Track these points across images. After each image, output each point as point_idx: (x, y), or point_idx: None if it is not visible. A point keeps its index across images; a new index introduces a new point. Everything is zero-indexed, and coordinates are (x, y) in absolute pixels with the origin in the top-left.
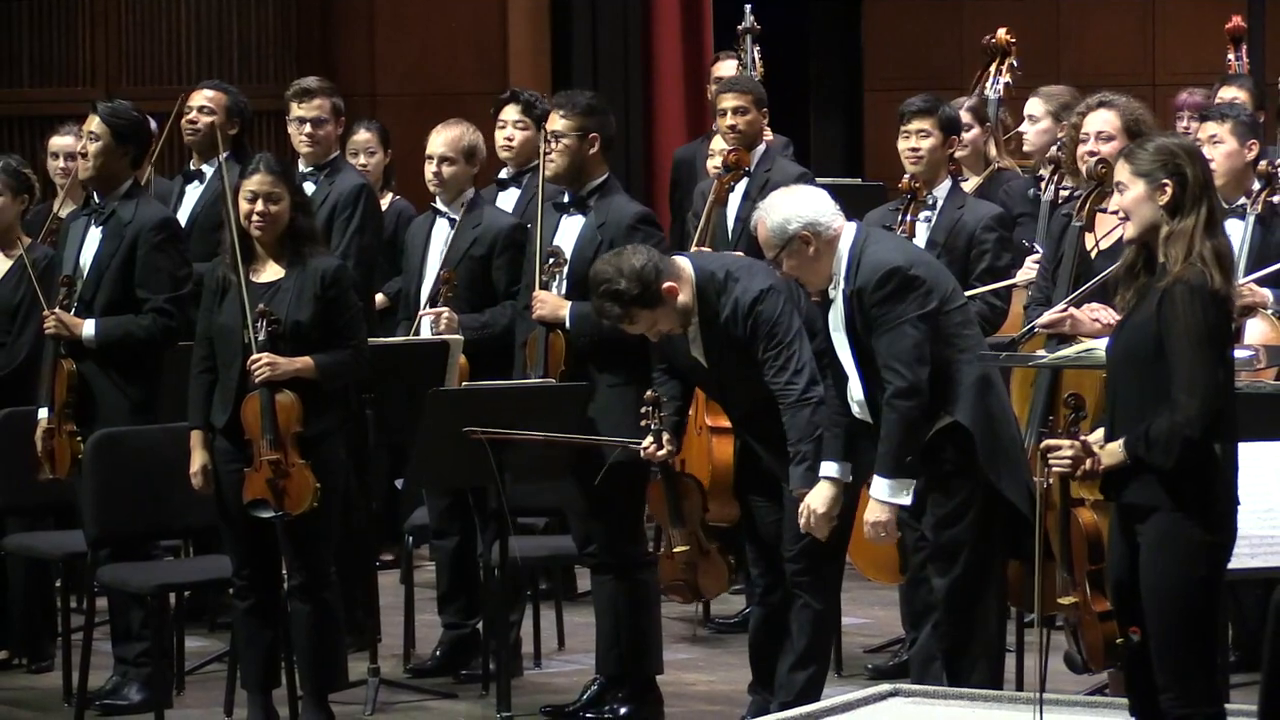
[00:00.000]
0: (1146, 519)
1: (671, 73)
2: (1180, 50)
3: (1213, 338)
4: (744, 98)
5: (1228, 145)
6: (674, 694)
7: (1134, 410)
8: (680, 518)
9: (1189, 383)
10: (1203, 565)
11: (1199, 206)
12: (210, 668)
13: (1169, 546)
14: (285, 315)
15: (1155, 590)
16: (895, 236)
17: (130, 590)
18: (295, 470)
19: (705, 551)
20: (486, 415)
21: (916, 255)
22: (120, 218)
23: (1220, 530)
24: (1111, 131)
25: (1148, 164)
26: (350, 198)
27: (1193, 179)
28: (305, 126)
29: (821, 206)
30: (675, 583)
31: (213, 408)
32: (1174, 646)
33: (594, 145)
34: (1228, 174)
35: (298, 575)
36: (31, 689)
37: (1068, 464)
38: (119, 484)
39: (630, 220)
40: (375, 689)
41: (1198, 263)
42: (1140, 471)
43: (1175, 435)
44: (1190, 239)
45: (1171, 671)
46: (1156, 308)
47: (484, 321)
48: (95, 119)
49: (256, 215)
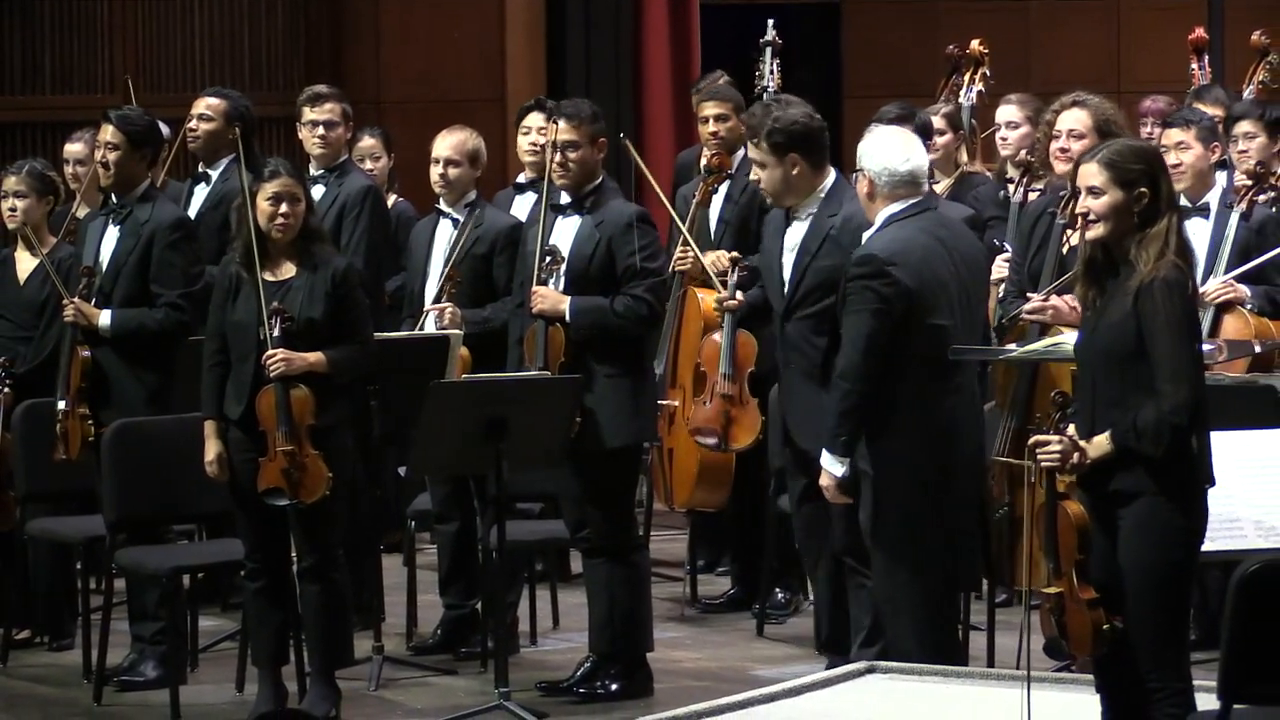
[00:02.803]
0: (1129, 504)
1: (660, 82)
2: (1144, 59)
3: (1192, 329)
4: (724, 105)
5: (1195, 150)
6: (663, 671)
7: (1121, 404)
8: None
9: (1174, 372)
10: (1179, 549)
11: (1172, 211)
12: (223, 646)
13: (1149, 530)
14: (298, 312)
15: (1135, 571)
16: (910, 228)
17: (147, 572)
18: (309, 461)
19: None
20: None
21: (909, 256)
22: (137, 217)
23: (1196, 516)
24: (1083, 130)
25: (1125, 171)
26: (358, 198)
27: (1165, 187)
28: (318, 129)
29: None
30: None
31: (227, 399)
32: (1151, 625)
33: (601, 150)
34: (1194, 176)
35: (307, 558)
36: (53, 666)
37: (1056, 459)
38: (136, 471)
39: (628, 219)
40: (379, 666)
41: (1170, 259)
42: (1125, 460)
43: (1164, 424)
44: (1164, 241)
45: (1148, 649)
46: (1134, 304)
47: (485, 316)
48: (110, 128)
49: (280, 217)
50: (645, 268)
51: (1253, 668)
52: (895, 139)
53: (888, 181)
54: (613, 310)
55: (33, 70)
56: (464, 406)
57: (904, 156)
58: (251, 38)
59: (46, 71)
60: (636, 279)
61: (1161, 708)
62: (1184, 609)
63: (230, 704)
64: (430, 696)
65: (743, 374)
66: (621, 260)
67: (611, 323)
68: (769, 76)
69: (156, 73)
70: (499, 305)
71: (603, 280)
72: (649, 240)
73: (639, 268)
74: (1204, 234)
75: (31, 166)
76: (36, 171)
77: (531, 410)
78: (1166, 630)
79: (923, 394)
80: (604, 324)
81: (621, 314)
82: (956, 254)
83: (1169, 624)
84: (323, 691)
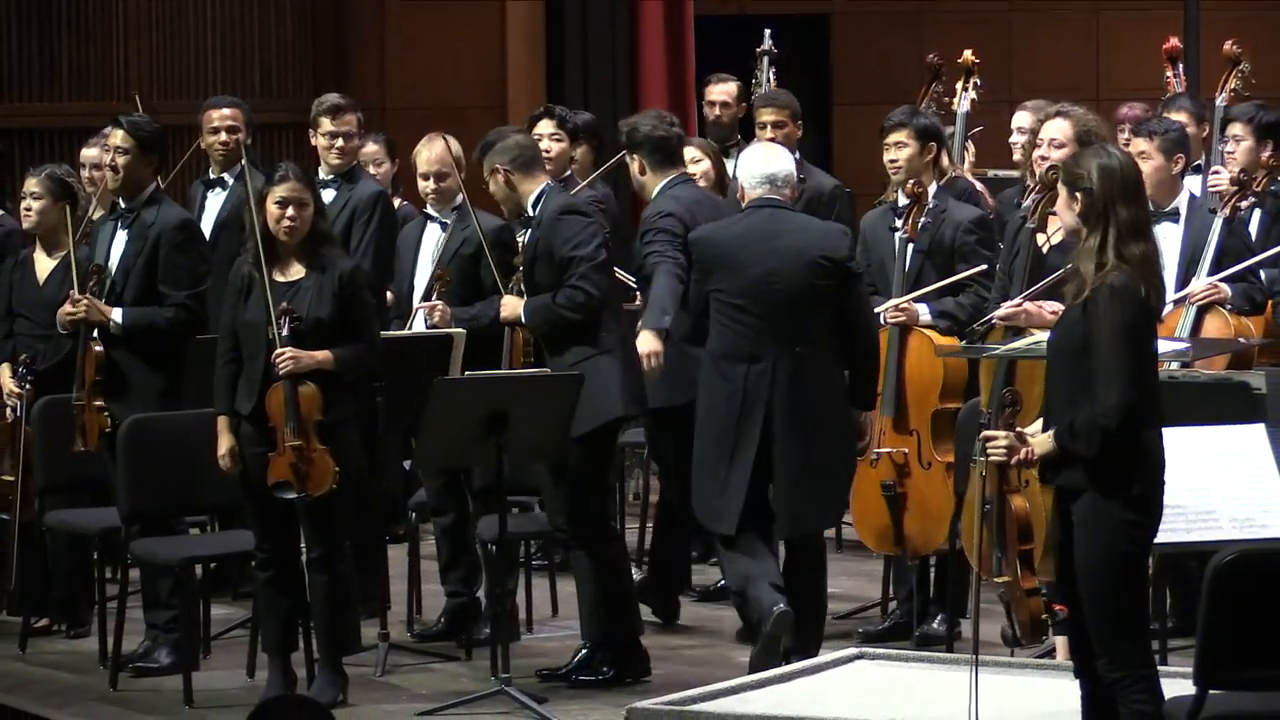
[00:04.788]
0: (1076, 499)
1: (656, 90)
2: (1122, 68)
3: (1133, 335)
4: (781, 112)
5: (1155, 160)
6: (658, 657)
7: (1065, 402)
8: None
9: (1108, 377)
10: (1126, 541)
11: (1105, 219)
12: (234, 633)
13: (1095, 525)
14: (307, 312)
15: (1085, 564)
16: (745, 219)
17: (160, 562)
18: (317, 455)
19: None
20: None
21: (718, 233)
22: (144, 220)
23: (1142, 510)
24: (1064, 140)
25: (1070, 175)
26: (369, 203)
27: (1099, 193)
28: (338, 140)
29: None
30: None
31: (238, 396)
32: (1104, 615)
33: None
34: (1155, 185)
35: (315, 549)
36: (71, 653)
37: (1003, 453)
38: (150, 465)
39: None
40: (385, 652)
41: (1121, 266)
42: (1068, 458)
43: (1094, 427)
44: (1097, 254)
45: (1104, 638)
46: (1083, 309)
47: (474, 314)
48: (120, 133)
49: (287, 219)
50: (575, 255)
51: (1227, 655)
52: (758, 153)
53: (753, 185)
54: (554, 303)
55: (50, 77)
56: (466, 402)
57: (764, 164)
58: (261, 47)
59: (64, 78)
60: (571, 268)
61: (1127, 695)
62: (1139, 599)
63: (241, 689)
64: (434, 682)
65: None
66: (557, 253)
67: (556, 316)
68: (766, 84)
69: (170, 80)
70: (486, 304)
71: (549, 276)
72: (576, 229)
73: (570, 257)
74: (1175, 238)
75: (51, 171)
76: (54, 176)
77: (531, 405)
78: (1120, 621)
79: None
80: (551, 319)
81: (562, 305)
82: (779, 245)
83: (1123, 614)
84: (330, 677)
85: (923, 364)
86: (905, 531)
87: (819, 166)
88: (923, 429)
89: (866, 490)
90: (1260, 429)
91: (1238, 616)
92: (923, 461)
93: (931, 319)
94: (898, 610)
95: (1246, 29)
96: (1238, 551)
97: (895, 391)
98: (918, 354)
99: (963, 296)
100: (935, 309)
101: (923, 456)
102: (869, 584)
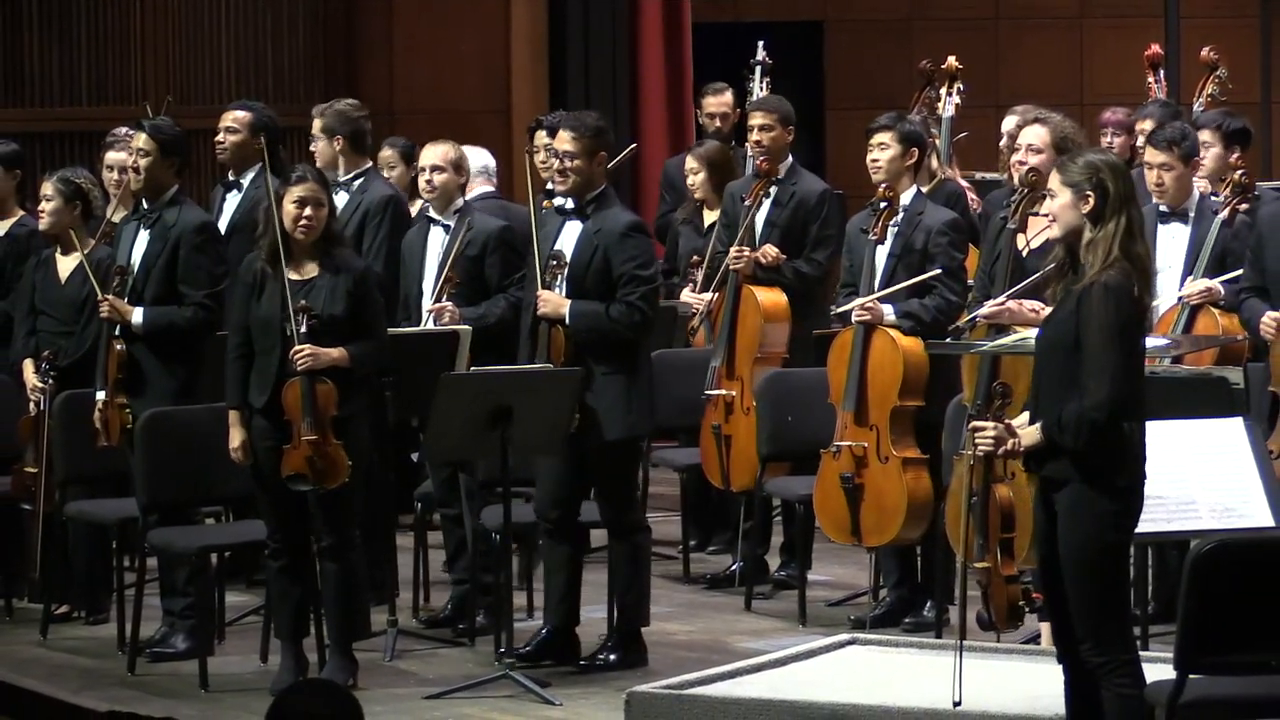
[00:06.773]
0: (1061, 489)
1: (655, 95)
2: (1105, 74)
3: (1123, 332)
4: (769, 116)
5: (1177, 170)
6: (657, 643)
7: (1053, 396)
8: None
9: (1098, 372)
10: (1109, 531)
11: (1118, 216)
12: (248, 620)
13: (1079, 514)
14: (322, 310)
15: (1069, 552)
16: None
17: (177, 551)
18: (332, 450)
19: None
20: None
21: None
22: (165, 221)
23: (1124, 500)
24: (1041, 145)
25: (1076, 176)
26: (380, 206)
27: (1113, 192)
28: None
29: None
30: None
31: (250, 390)
32: (1087, 602)
33: (602, 163)
34: (1176, 191)
35: (326, 538)
36: (90, 639)
37: (991, 444)
38: (167, 457)
39: (622, 229)
40: (393, 638)
41: (1117, 265)
42: (1055, 449)
43: (1083, 420)
44: (1109, 245)
45: (1087, 624)
46: (1076, 305)
47: (480, 314)
48: (143, 136)
49: (304, 219)
50: (638, 275)
51: (1207, 640)
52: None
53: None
54: (608, 316)
55: (70, 83)
56: (472, 397)
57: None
58: (274, 54)
59: (83, 85)
60: (630, 285)
61: (1110, 679)
62: (1120, 586)
63: (255, 674)
64: (441, 666)
65: None
66: (617, 267)
67: (606, 327)
68: (758, 92)
69: (187, 86)
70: (492, 302)
71: (600, 284)
72: (641, 249)
73: (632, 275)
74: (1183, 238)
75: (64, 174)
76: (66, 178)
77: (534, 400)
78: (1103, 606)
79: None
80: (599, 328)
81: (615, 319)
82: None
83: (1105, 601)
84: (341, 662)
85: (885, 362)
86: (860, 522)
87: (812, 170)
88: (882, 424)
89: (827, 481)
90: (1239, 422)
91: (1217, 603)
92: (880, 455)
93: (896, 319)
94: (888, 597)
95: (1224, 37)
96: (1217, 541)
97: (858, 387)
98: (880, 353)
99: (928, 298)
100: (900, 309)
101: (880, 451)
102: (859, 572)
